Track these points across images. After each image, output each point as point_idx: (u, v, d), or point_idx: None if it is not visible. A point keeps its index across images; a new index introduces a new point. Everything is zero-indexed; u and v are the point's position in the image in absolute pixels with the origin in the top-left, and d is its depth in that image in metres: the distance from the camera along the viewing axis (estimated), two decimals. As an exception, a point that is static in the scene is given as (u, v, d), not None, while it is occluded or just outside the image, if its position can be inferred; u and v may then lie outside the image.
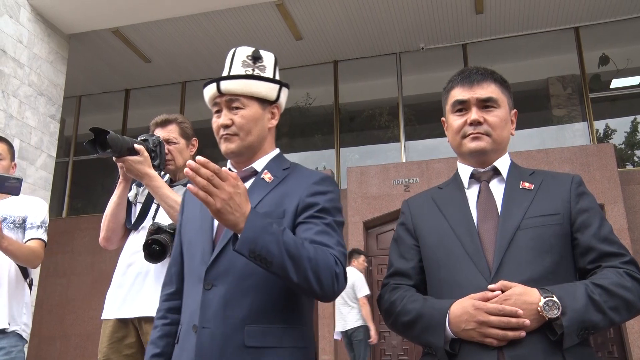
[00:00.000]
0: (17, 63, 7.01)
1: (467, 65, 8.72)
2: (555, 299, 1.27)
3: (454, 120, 1.57)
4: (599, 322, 1.29)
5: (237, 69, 1.58)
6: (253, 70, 1.58)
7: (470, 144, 1.53)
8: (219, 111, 1.57)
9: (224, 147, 1.55)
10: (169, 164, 2.41)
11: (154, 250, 2.15)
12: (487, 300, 1.31)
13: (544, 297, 1.28)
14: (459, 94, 1.56)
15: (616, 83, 9.03)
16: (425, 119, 9.47)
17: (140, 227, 2.35)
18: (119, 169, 2.23)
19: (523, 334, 1.27)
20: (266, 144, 1.62)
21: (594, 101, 8.71)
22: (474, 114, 1.52)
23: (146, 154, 2.19)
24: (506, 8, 8.38)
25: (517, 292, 1.30)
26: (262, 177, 1.56)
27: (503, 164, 1.56)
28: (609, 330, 7.02)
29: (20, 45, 7.11)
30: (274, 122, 1.63)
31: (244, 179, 1.57)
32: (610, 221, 1.48)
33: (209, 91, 1.58)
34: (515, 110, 1.63)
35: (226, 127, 1.53)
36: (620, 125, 8.82)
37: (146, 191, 2.39)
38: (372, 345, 6.59)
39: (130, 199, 2.43)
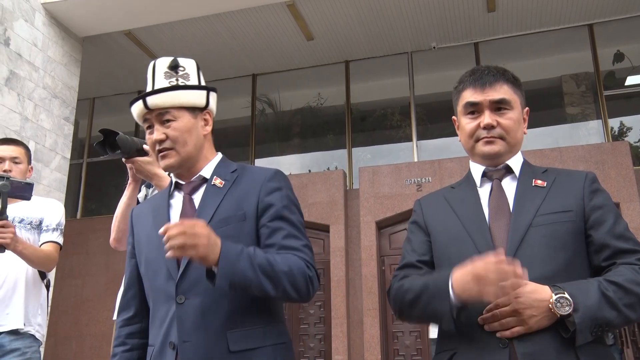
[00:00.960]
0: (32, 66, 7.10)
1: (479, 64, 8.66)
2: (566, 295, 1.26)
3: (466, 123, 1.55)
4: (614, 320, 1.27)
5: (161, 82, 1.54)
6: (177, 80, 1.55)
7: (484, 148, 1.52)
8: (150, 127, 1.55)
9: (163, 163, 1.54)
10: None
11: None
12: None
13: (555, 294, 1.27)
14: (470, 95, 1.54)
15: (631, 80, 8.91)
16: (437, 118, 9.42)
17: None
18: (129, 170, 2.24)
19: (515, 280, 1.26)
20: (205, 151, 1.61)
21: (609, 99, 8.61)
22: (487, 118, 1.50)
23: None
24: (518, 6, 8.31)
25: (528, 290, 1.28)
26: (212, 183, 1.56)
27: (515, 162, 1.55)
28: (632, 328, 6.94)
29: (35, 49, 7.20)
30: (208, 128, 1.61)
31: (195, 189, 1.57)
32: (626, 220, 1.47)
33: (137, 108, 1.55)
34: (527, 108, 1.60)
35: (161, 142, 1.52)
36: (636, 123, 8.70)
37: (156, 192, 2.40)
38: (385, 345, 6.59)
39: (140, 200, 2.43)
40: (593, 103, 8.78)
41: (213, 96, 1.61)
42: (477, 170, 1.58)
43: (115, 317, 2.35)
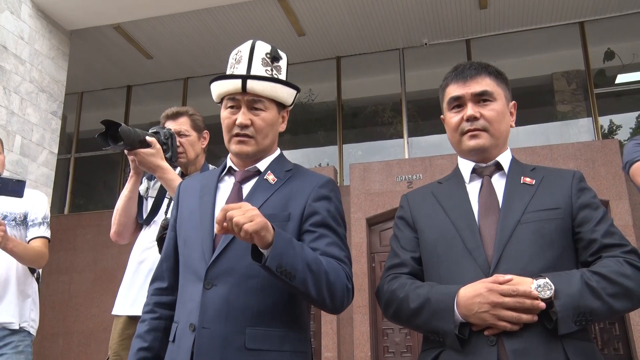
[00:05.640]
0: (18, 59, 6.99)
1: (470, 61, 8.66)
2: (547, 280, 1.28)
3: (451, 118, 1.57)
4: (597, 309, 1.27)
5: (258, 68, 1.52)
6: (272, 70, 1.54)
7: (469, 142, 1.53)
8: (233, 107, 1.52)
9: (237, 147, 1.52)
10: (180, 156, 2.39)
11: None
12: (498, 283, 1.31)
13: (536, 280, 1.29)
14: (453, 90, 1.56)
15: (621, 78, 8.95)
16: (428, 115, 9.41)
17: (152, 222, 2.34)
18: (130, 163, 2.21)
19: (536, 318, 1.27)
20: (274, 146, 1.63)
21: (599, 97, 8.64)
22: (470, 109, 1.52)
23: (158, 146, 2.17)
24: (510, 3, 8.32)
25: (511, 283, 1.31)
26: (265, 177, 1.55)
27: (505, 159, 1.56)
28: (613, 326, 6.98)
29: (22, 42, 7.08)
30: (284, 126, 1.63)
31: (247, 179, 1.57)
32: (615, 218, 1.49)
33: (230, 86, 1.51)
34: (514, 102, 1.61)
35: (244, 127, 1.50)
36: (626, 121, 8.75)
37: (157, 185, 2.39)
38: (375, 342, 6.58)
39: (142, 192, 2.41)
40: (584, 101, 8.81)
41: (295, 97, 1.63)
42: (466, 166, 1.58)
43: (113, 312, 2.34)
